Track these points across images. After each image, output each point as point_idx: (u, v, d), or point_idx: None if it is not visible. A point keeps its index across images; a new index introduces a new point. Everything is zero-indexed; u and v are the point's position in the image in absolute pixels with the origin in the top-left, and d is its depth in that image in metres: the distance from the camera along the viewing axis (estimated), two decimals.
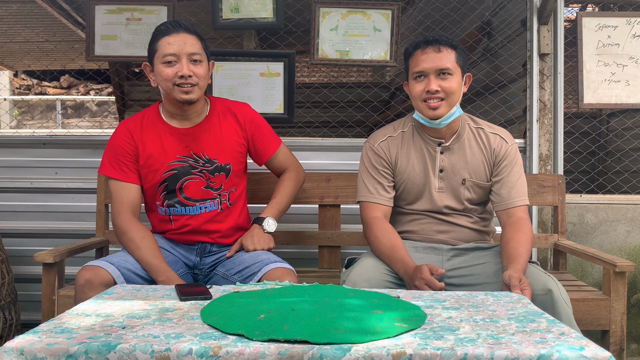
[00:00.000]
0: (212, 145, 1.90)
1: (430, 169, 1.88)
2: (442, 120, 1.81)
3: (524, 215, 1.82)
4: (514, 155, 1.88)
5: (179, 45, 1.79)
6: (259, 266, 1.76)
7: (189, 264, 1.94)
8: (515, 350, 0.98)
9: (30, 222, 2.81)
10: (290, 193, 2.03)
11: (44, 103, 9.66)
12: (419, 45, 1.82)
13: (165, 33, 1.81)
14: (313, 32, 2.86)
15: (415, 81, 1.82)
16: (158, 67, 1.82)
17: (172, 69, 1.79)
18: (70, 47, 5.47)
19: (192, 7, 4.00)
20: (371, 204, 1.89)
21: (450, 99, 1.79)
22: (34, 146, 2.82)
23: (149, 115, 1.92)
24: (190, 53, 1.80)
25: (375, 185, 1.90)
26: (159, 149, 1.87)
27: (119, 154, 1.87)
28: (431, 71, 1.77)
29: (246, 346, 0.98)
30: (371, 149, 1.93)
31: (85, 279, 1.62)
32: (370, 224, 1.86)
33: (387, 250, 1.77)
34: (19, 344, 0.98)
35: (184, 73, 1.77)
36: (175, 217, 1.91)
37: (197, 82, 1.81)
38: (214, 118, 1.93)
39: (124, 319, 1.15)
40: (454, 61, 1.78)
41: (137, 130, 1.89)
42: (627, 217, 2.86)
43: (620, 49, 2.88)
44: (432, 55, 1.78)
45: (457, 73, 1.79)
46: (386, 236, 1.80)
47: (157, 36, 1.83)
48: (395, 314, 1.18)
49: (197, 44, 1.83)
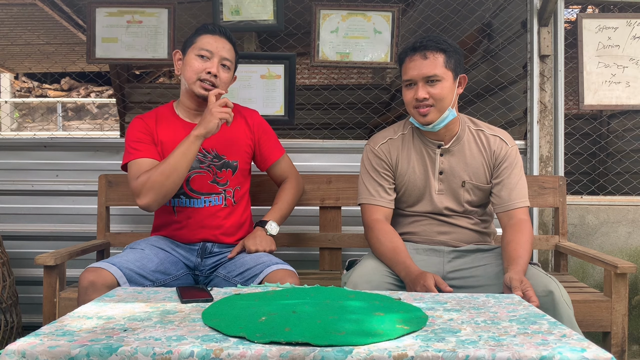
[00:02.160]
0: (222, 141, 1.97)
1: (430, 171, 1.88)
2: (435, 125, 1.81)
3: (525, 216, 1.82)
4: (514, 157, 1.88)
5: (217, 46, 1.90)
6: (260, 268, 1.77)
7: (189, 265, 1.94)
8: (516, 352, 0.98)
9: (31, 224, 2.81)
10: (291, 200, 2.10)
11: (44, 105, 9.67)
12: (407, 52, 1.81)
13: (210, 32, 1.93)
14: (313, 34, 2.86)
15: (406, 88, 1.82)
16: (190, 56, 1.91)
17: (203, 64, 1.89)
18: (71, 49, 5.47)
19: (192, 9, 4.01)
20: (372, 206, 1.89)
21: (440, 105, 1.78)
22: (35, 149, 2.82)
23: (162, 111, 2.01)
24: (223, 57, 1.92)
25: (377, 187, 1.90)
26: (170, 140, 1.93)
27: (136, 138, 1.91)
28: (419, 79, 1.77)
29: (248, 348, 0.98)
30: (372, 151, 1.93)
31: (88, 281, 1.63)
32: (372, 226, 1.86)
33: (389, 253, 1.77)
34: (20, 346, 0.98)
35: (212, 70, 1.88)
36: (179, 209, 1.95)
37: (219, 84, 1.90)
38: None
39: (125, 322, 1.15)
40: (442, 66, 1.76)
41: (152, 121, 1.97)
42: (628, 218, 2.86)
43: (620, 50, 2.89)
44: (419, 62, 1.77)
45: (446, 77, 1.77)
46: (388, 238, 1.80)
47: (200, 31, 1.94)
48: (397, 316, 1.19)
49: (232, 53, 1.96)
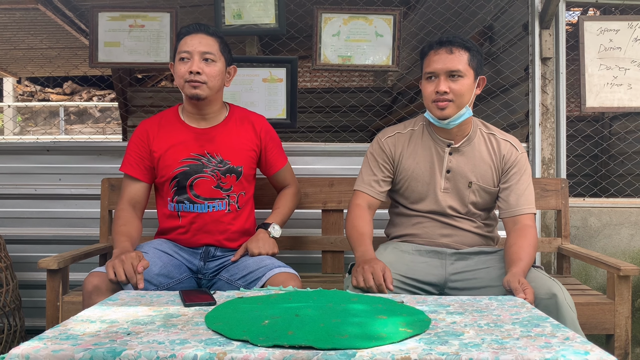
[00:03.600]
0: (226, 146, 1.96)
1: (437, 168, 1.89)
2: (451, 121, 1.82)
3: (530, 223, 1.82)
4: (524, 164, 1.89)
5: (194, 44, 1.88)
6: (263, 271, 1.77)
7: (192, 268, 1.94)
8: (520, 355, 0.98)
9: (34, 228, 2.81)
10: (291, 205, 2.14)
11: (47, 109, 9.69)
12: (432, 45, 1.84)
13: (186, 34, 1.92)
14: (315, 38, 2.87)
15: (427, 81, 1.84)
16: (176, 64, 1.91)
17: (185, 66, 1.88)
18: (73, 53, 5.49)
19: (194, 13, 4.03)
20: (359, 192, 1.95)
21: (459, 100, 1.79)
22: (38, 152, 2.83)
23: (167, 115, 2.01)
24: (202, 52, 1.87)
25: (370, 176, 1.94)
26: (174, 145, 1.94)
27: (132, 150, 1.97)
28: (442, 72, 1.79)
29: (251, 352, 0.98)
30: (377, 142, 1.97)
31: (93, 285, 1.63)
32: (351, 210, 1.92)
33: (356, 235, 1.83)
34: (24, 350, 0.98)
35: (192, 69, 1.85)
36: (183, 214, 1.95)
37: (205, 80, 1.88)
38: (232, 122, 2.01)
39: (128, 325, 1.15)
40: (465, 63, 1.79)
41: (155, 128, 1.97)
42: (630, 220, 2.85)
43: (622, 52, 2.89)
44: (444, 56, 1.79)
45: (468, 75, 1.80)
46: (360, 223, 1.86)
47: (179, 37, 1.94)
48: (400, 319, 1.18)
49: (213, 44, 1.91)
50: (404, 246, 1.91)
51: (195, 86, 1.87)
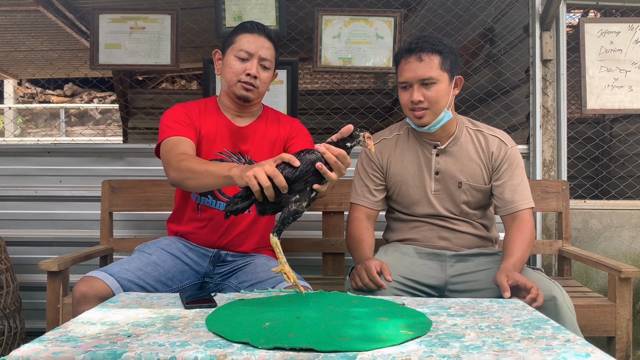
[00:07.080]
0: (257, 148, 1.93)
1: (425, 171, 1.89)
2: (431, 127, 1.82)
3: (528, 217, 1.81)
4: (514, 158, 1.87)
5: (256, 46, 1.87)
6: (273, 282, 1.73)
7: (199, 271, 1.88)
8: (521, 357, 0.98)
9: (35, 230, 2.81)
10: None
11: (47, 111, 9.70)
12: (402, 54, 1.82)
13: (248, 30, 1.89)
14: (316, 40, 2.87)
15: (402, 90, 1.83)
16: (229, 57, 1.88)
17: (242, 66, 1.86)
18: (74, 55, 5.49)
19: (195, 15, 4.03)
20: (356, 205, 1.95)
21: (435, 107, 1.78)
22: (39, 154, 2.83)
23: (207, 104, 1.97)
24: (262, 57, 1.88)
25: (362, 187, 1.95)
26: (212, 135, 1.90)
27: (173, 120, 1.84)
28: (414, 81, 1.77)
29: (251, 354, 0.98)
30: (364, 151, 1.97)
31: (80, 293, 1.58)
32: (349, 222, 1.93)
33: (355, 242, 1.84)
34: (25, 352, 0.98)
35: (251, 72, 1.85)
36: (203, 207, 1.91)
37: (259, 85, 1.88)
38: (262, 122, 1.98)
39: (129, 327, 1.15)
40: (437, 68, 1.76)
41: (195, 111, 1.92)
42: (631, 222, 2.85)
43: (622, 54, 2.89)
44: (414, 64, 1.77)
45: (442, 79, 1.77)
46: (357, 232, 1.87)
47: (239, 30, 1.91)
48: (401, 322, 1.18)
49: (272, 51, 1.91)
50: (405, 248, 1.91)
51: (248, 89, 1.87)
